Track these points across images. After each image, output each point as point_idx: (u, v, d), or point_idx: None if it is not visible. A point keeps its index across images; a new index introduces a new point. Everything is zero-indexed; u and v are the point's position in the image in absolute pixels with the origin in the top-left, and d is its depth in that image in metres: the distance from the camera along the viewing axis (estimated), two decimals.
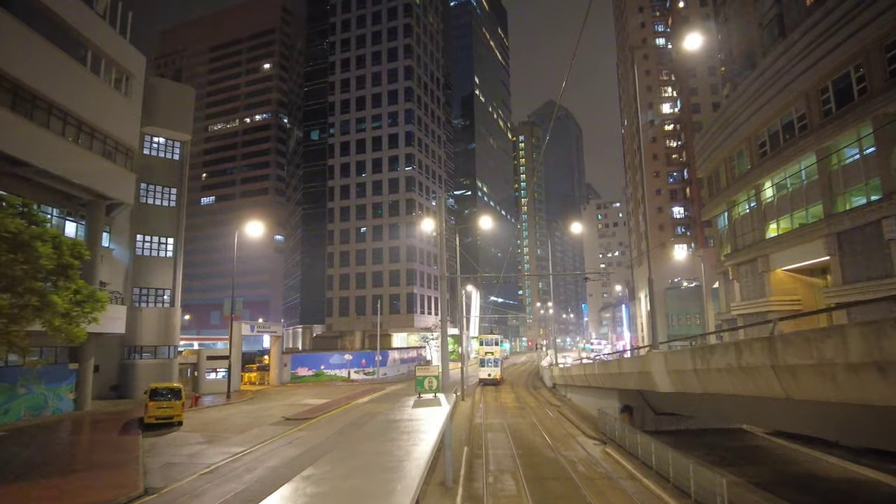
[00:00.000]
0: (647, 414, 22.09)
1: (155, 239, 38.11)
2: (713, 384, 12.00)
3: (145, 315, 36.12)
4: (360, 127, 77.59)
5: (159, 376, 35.79)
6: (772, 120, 28.70)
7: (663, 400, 19.19)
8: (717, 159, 37.14)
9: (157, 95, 38.29)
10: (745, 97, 31.59)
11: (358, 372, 51.65)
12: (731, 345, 10.89)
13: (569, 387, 34.58)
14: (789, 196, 27.98)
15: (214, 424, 24.52)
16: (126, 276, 36.18)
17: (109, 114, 29.22)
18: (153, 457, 17.46)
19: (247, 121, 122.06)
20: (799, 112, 27.47)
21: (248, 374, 49.91)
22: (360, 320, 71.24)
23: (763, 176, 29.63)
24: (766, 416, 13.74)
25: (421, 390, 12.23)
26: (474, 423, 25.03)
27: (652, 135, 74.17)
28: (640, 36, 76.61)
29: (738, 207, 34.82)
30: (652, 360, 15.14)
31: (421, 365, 12.34)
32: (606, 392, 24.30)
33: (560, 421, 25.63)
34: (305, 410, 28.96)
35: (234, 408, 31.28)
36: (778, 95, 27.81)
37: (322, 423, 24.82)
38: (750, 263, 32.42)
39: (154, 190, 38.40)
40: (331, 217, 77.10)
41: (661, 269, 70.47)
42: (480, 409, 29.73)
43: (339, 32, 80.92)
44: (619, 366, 19.36)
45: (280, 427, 23.75)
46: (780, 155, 27.84)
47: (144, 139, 37.98)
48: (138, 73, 32.02)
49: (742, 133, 32.23)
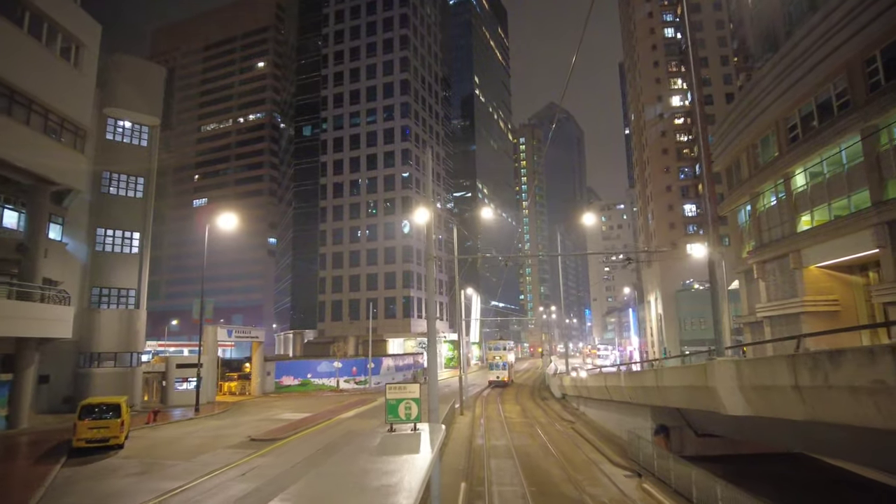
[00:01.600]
0: (686, 435, 18.03)
1: (119, 233, 34.16)
2: (832, 409, 7.97)
3: (104, 318, 32.08)
4: (355, 122, 73.74)
5: (120, 387, 31.74)
6: (804, 100, 25.46)
7: (713, 420, 15.16)
8: (737, 148, 34.38)
9: (122, 74, 34.48)
10: (769, 78, 28.53)
11: (348, 381, 47.51)
12: (881, 350, 6.86)
13: (582, 399, 30.48)
14: (826, 183, 24.77)
15: (163, 447, 20.43)
16: (83, 274, 32.18)
17: (53, 85, 25.31)
18: (54, 499, 13.39)
19: (240, 121, 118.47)
20: (838, 88, 24.19)
21: (229, 384, 45.81)
22: (353, 325, 67.09)
23: (794, 163, 26.50)
24: None
25: (394, 420, 8.18)
26: (474, 444, 20.92)
27: (661, 129, 70.34)
28: (647, 26, 72.88)
29: (762, 199, 31.77)
30: (717, 372, 11.10)
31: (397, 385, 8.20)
32: (633, 408, 20.24)
33: (576, 442, 21.53)
34: (278, 428, 24.87)
35: (197, 424, 27.17)
36: (811, 72, 24.63)
37: (292, 446, 20.74)
38: (778, 260, 29.20)
39: (118, 179, 34.49)
40: (323, 216, 73.10)
41: (672, 269, 66.54)
42: (482, 426, 25.62)
43: (333, 24, 77.25)
44: (659, 377, 15.31)
45: (240, 451, 19.66)
46: (815, 138, 24.62)
47: (107, 123, 34.15)
48: (91, 43, 28.12)
49: (767, 118, 29.16)
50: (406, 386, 8.37)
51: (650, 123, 71.11)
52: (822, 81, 24.28)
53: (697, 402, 12.83)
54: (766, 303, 31.08)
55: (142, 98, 35.06)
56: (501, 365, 51.14)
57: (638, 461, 16.88)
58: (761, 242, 31.68)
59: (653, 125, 70.77)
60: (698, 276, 65.23)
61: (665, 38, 72.07)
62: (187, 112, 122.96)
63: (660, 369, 15.27)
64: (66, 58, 26.63)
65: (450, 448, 20.23)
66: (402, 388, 8.37)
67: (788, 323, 30.08)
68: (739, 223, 37.63)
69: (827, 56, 24.07)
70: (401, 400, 8.27)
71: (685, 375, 13.32)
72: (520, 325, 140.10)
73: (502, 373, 50.61)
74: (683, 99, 70.02)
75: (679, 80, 70.70)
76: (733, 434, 15.30)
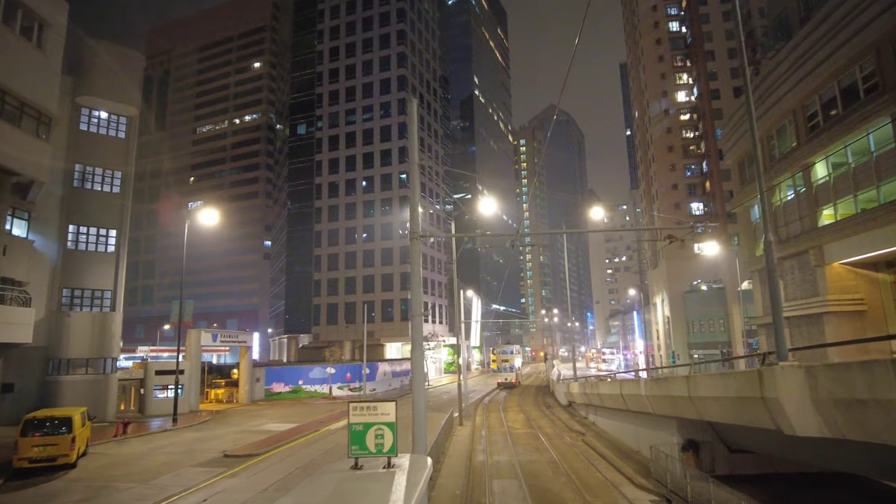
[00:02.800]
0: (718, 451, 15.67)
1: (93, 230, 31.83)
2: None
3: (74, 321, 29.71)
4: (351, 119, 71.57)
5: (92, 395, 29.39)
6: (825, 85, 23.60)
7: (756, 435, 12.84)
8: (750, 141, 32.07)
9: (96, 61, 32.28)
10: (786, 64, 26.71)
11: (342, 387, 45.10)
12: None
13: (592, 407, 28.09)
14: (852, 173, 22.90)
15: (122, 466, 18.06)
16: (53, 275, 29.86)
17: (11, 66, 23.09)
18: None
19: (237, 122, 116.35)
20: (865, 70, 22.44)
21: (216, 391, 43.44)
22: (349, 329, 64.67)
23: (815, 153, 24.68)
24: None
25: (360, 453, 5.84)
26: (474, 461, 18.54)
27: (666, 125, 68.12)
28: (651, 20, 70.79)
29: (779, 193, 29.81)
30: (780, 380, 8.77)
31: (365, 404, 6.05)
32: (653, 419, 17.89)
33: (589, 457, 19.16)
34: (258, 441, 22.49)
35: (171, 437, 24.78)
36: (834, 55, 22.80)
37: (269, 463, 18.36)
38: (797, 257, 27.29)
39: (93, 173, 32.18)
40: (318, 217, 70.81)
41: (680, 269, 64.19)
42: (483, 439, 23.24)
43: (328, 19, 75.23)
44: (692, 386, 12.96)
45: (209, 470, 17.30)
46: (838, 124, 22.75)
47: (81, 112, 31.91)
48: (57, 22, 25.93)
49: (784, 106, 27.33)
50: (378, 405, 6.04)
51: (655, 120, 68.90)
52: (846, 64, 22.57)
53: (747, 417, 10.48)
54: (783, 303, 29.46)
55: (119, 86, 32.84)
56: (509, 367, 56.84)
57: (665, 483, 14.51)
58: (778, 239, 29.99)
59: (658, 121, 68.57)
60: (707, 277, 62.86)
61: (670, 32, 69.97)
62: (184, 114, 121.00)
63: (693, 376, 12.92)
64: (27, 37, 24.44)
65: (446, 466, 17.88)
66: (370, 408, 6.03)
67: (810, 324, 28.13)
68: (752, 219, 35.74)
69: (852, 37, 22.32)
70: (369, 425, 5.94)
71: (730, 384, 10.98)
72: (521, 329, 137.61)
73: (510, 375, 56.15)
74: (689, 94, 67.82)
75: (685, 74, 68.52)
76: (783, 453, 12.93)
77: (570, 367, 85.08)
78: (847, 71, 22.86)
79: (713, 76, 64.29)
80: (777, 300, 9.70)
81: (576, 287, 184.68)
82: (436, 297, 72.95)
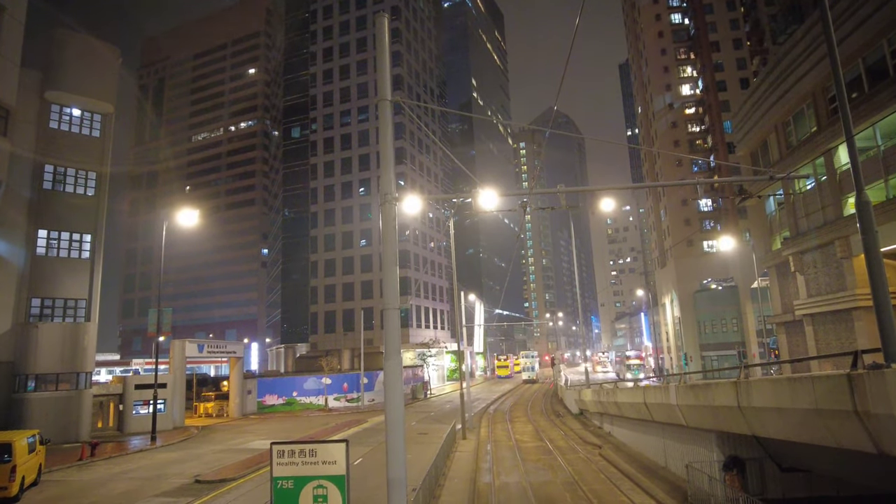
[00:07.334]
0: (767, 470, 13.28)
1: (65, 235, 29.62)
2: None
3: (43, 333, 27.43)
4: (345, 120, 69.52)
5: (63, 413, 27.14)
6: (849, 63, 21.75)
7: (818, 451, 10.48)
8: (764, 129, 31.00)
9: (67, 54, 30.18)
10: (802, 45, 25.11)
11: (339, 398, 42.67)
12: None
13: (606, 416, 25.67)
14: (881, 157, 21.25)
15: (74, 497, 15.71)
16: (20, 283, 27.63)
17: None
18: None
19: (232, 129, 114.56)
20: (894, 44, 20.43)
21: (205, 405, 41.04)
22: (348, 337, 62.30)
23: (837, 136, 23.07)
24: None
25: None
26: (479, 484, 16.14)
27: (671, 120, 65.98)
28: (653, 12, 68.84)
29: (797, 182, 27.71)
30: (892, 387, 6.42)
31: (301, 446, 3.91)
32: (685, 431, 15.51)
33: (610, 475, 16.75)
34: (237, 463, 20.11)
35: (143, 458, 22.40)
36: (859, 29, 20.95)
37: (244, 491, 16.00)
38: (820, 249, 25.50)
39: (65, 174, 30.04)
40: (314, 222, 68.59)
41: (689, 269, 61.80)
42: (488, 455, 20.81)
43: (321, 19, 73.38)
44: (744, 394, 10.58)
45: (171, 501, 14.94)
46: (865, 104, 20.92)
47: (51, 109, 29.79)
48: (14, 7, 23.89)
49: (801, 89, 25.71)
50: (318, 448, 3.71)
51: (659, 115, 66.80)
52: (872, 38, 20.69)
53: (829, 436, 8.12)
54: (806, 299, 27.28)
55: (92, 81, 30.75)
56: (531, 368, 70.06)
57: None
58: (798, 231, 27.84)
59: (662, 116, 66.45)
60: (717, 275, 60.45)
61: (672, 24, 68.02)
62: (179, 122, 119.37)
63: (745, 382, 10.54)
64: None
65: (447, 490, 15.50)
66: (306, 453, 3.68)
67: (836, 320, 25.91)
68: (767, 212, 33.64)
69: (879, 7, 20.21)
70: (305, 480, 3.60)
71: (801, 392, 8.60)
72: (525, 334, 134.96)
73: (531, 374, 69.40)
74: (694, 87, 65.72)
75: (689, 67, 66.48)
76: (852, 474, 10.56)
77: (575, 372, 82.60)
78: (874, 46, 20.99)
79: (719, 67, 62.14)
80: (881, 278, 7.41)
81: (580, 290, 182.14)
82: (437, 301, 70.52)
